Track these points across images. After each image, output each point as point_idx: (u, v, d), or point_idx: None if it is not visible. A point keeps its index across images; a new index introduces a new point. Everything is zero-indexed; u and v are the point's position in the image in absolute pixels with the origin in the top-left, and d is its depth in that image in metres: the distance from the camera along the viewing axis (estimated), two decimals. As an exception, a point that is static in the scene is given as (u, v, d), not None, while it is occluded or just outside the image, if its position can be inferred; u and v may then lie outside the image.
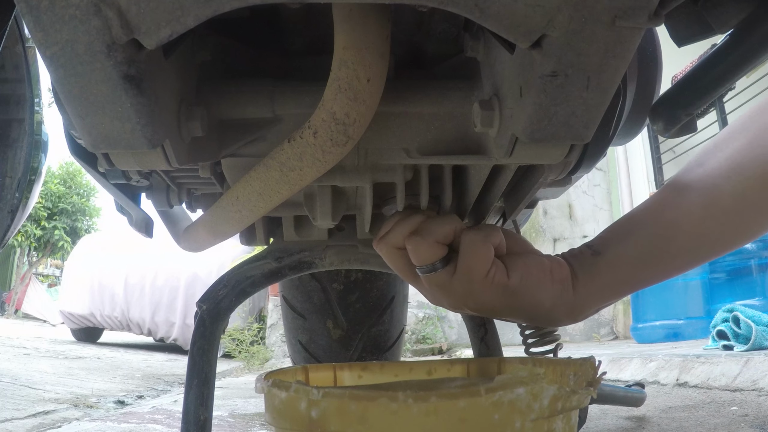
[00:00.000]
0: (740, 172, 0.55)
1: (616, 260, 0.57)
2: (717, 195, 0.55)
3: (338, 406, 0.34)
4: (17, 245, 14.04)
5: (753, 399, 1.42)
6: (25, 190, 1.61)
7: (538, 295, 0.56)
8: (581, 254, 0.59)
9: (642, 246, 0.57)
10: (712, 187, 0.55)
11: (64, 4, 0.32)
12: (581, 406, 0.36)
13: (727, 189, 0.55)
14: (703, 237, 0.56)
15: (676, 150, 4.27)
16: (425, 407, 0.32)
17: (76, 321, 5.70)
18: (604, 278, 0.57)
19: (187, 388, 0.70)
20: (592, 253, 0.58)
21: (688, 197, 0.56)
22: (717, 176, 0.56)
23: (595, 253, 0.58)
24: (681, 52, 0.76)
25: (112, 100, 0.38)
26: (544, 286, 0.56)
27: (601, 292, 0.58)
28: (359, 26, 0.41)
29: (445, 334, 4.70)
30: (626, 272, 0.57)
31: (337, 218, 0.64)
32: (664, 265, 0.57)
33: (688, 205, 0.56)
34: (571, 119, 0.42)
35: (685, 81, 0.63)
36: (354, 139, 0.46)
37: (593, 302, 0.58)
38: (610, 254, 0.57)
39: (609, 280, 0.57)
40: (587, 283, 0.57)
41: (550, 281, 0.56)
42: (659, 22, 0.34)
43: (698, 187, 0.56)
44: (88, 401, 2.00)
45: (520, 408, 0.33)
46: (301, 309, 1.22)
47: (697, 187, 0.56)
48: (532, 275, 0.56)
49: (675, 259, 0.57)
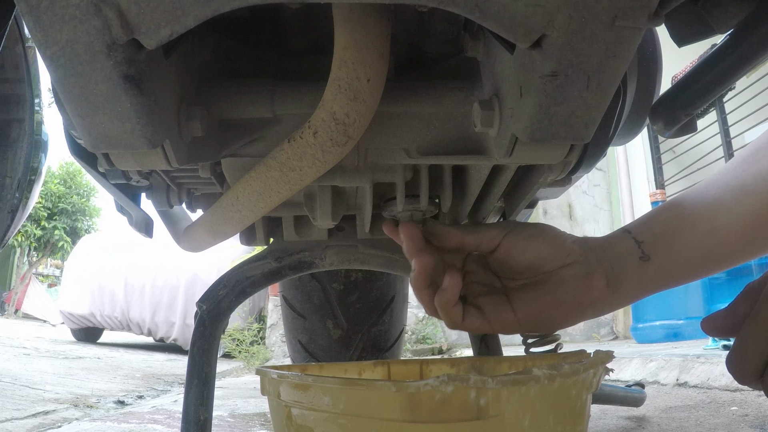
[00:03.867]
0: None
1: (665, 266, 0.53)
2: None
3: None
4: (17, 245, 14.04)
5: (753, 399, 1.42)
6: (25, 190, 1.61)
7: (561, 324, 0.54)
8: (627, 255, 0.54)
9: (692, 251, 0.53)
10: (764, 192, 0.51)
11: (64, 4, 0.32)
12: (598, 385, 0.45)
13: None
14: (754, 242, 0.53)
15: (676, 150, 4.27)
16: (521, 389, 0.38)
17: (76, 321, 5.70)
18: (648, 283, 0.54)
19: (187, 388, 0.70)
20: (641, 256, 0.54)
21: (743, 201, 0.52)
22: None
23: (644, 257, 0.53)
24: (681, 52, 0.76)
25: (112, 100, 0.38)
26: (567, 317, 0.54)
27: (642, 294, 0.55)
28: (359, 26, 0.41)
29: (445, 334, 4.70)
30: (672, 277, 0.54)
31: (337, 218, 0.64)
32: (710, 270, 0.54)
33: (741, 210, 0.52)
34: (571, 119, 0.42)
35: (685, 81, 0.63)
36: (354, 139, 0.46)
37: (629, 302, 0.56)
38: (662, 261, 0.53)
39: (653, 284, 0.54)
40: (630, 286, 0.54)
41: (577, 309, 0.53)
42: (659, 22, 0.34)
43: (752, 191, 0.52)
44: (88, 401, 2.00)
45: (587, 385, 0.43)
46: (301, 309, 1.22)
47: (751, 189, 0.52)
48: (547, 314, 0.54)
49: (722, 264, 0.54)
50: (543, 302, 0.53)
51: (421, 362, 0.70)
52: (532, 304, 0.54)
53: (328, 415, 0.39)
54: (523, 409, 0.37)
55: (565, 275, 0.54)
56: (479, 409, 0.35)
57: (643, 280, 0.53)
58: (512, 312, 0.54)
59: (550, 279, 0.54)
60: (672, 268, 0.53)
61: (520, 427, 0.37)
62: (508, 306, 0.54)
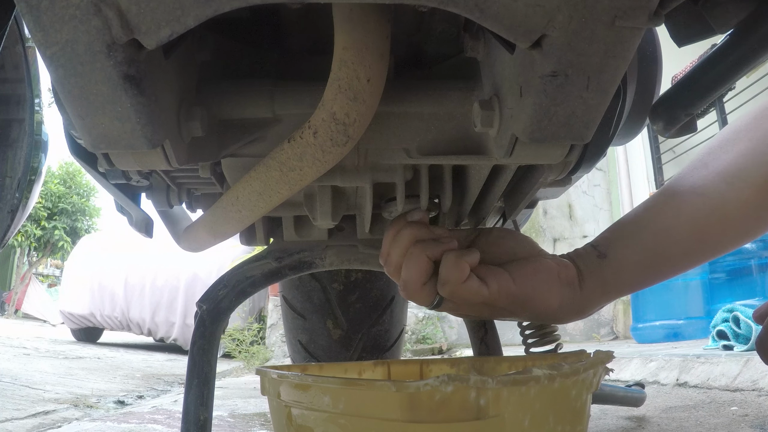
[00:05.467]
0: (743, 178, 0.55)
1: (620, 263, 0.58)
2: (720, 201, 0.56)
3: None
4: (17, 245, 14.05)
5: (753, 399, 1.42)
6: (25, 190, 1.61)
7: (547, 298, 0.57)
8: (587, 255, 0.60)
9: (645, 250, 0.58)
10: (715, 192, 0.56)
11: (64, 4, 0.32)
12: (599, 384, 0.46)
13: (730, 195, 0.55)
14: (704, 241, 0.57)
15: (676, 150, 4.27)
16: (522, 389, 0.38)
17: (76, 321, 5.70)
18: (609, 280, 0.58)
19: (187, 388, 0.70)
20: (598, 255, 0.59)
21: (691, 202, 0.57)
22: (720, 181, 0.56)
23: (601, 255, 0.59)
24: (681, 52, 0.76)
25: (112, 100, 0.38)
26: (552, 289, 0.57)
27: (606, 292, 0.59)
28: (359, 26, 0.41)
29: (445, 334, 4.70)
30: (630, 275, 0.58)
31: (337, 218, 0.64)
32: (667, 267, 0.59)
33: (690, 210, 0.57)
34: (571, 119, 0.42)
35: (685, 81, 0.63)
36: (354, 139, 0.46)
37: (598, 301, 0.59)
38: (615, 257, 0.58)
39: (614, 281, 0.58)
40: (593, 283, 0.58)
41: (558, 284, 0.57)
42: (659, 22, 0.34)
43: (701, 192, 0.57)
44: (88, 401, 2.00)
45: (587, 384, 0.43)
46: (301, 309, 1.22)
47: (700, 191, 0.57)
48: (540, 279, 0.56)
49: (677, 262, 0.58)
50: (535, 267, 0.57)
51: (421, 362, 0.70)
52: (526, 268, 0.57)
53: (328, 415, 0.39)
54: (523, 409, 0.37)
55: (543, 257, 0.59)
56: (479, 409, 0.35)
57: (605, 277, 0.58)
58: (509, 277, 0.56)
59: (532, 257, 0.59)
60: (629, 267, 0.58)
61: (520, 427, 0.37)
62: (505, 273, 0.56)
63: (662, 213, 0.59)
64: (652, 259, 0.58)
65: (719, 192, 0.56)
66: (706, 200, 0.56)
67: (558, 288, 0.57)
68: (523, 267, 0.57)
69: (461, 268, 0.53)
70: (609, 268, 0.58)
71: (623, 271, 0.58)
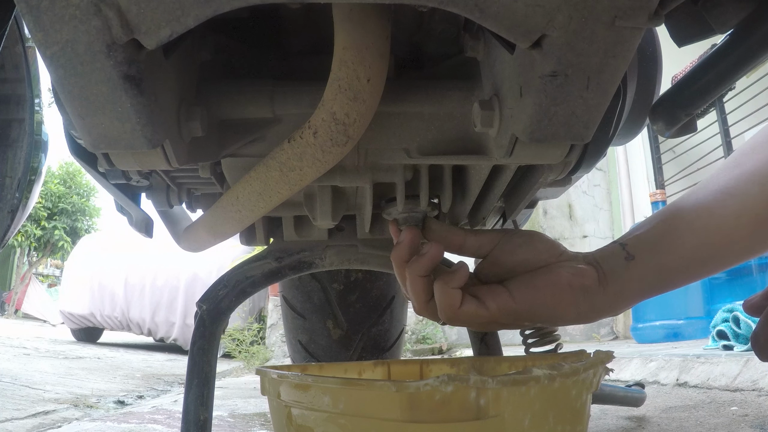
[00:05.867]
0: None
1: (649, 267, 0.56)
2: (750, 203, 0.54)
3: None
4: (17, 245, 14.04)
5: (753, 399, 1.42)
6: (25, 190, 1.61)
7: (555, 309, 0.55)
8: (614, 255, 0.57)
9: (678, 254, 0.55)
10: (745, 194, 0.54)
11: (64, 4, 0.32)
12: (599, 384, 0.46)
13: (761, 198, 0.53)
14: (733, 245, 0.55)
15: (676, 150, 4.26)
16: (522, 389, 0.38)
17: (76, 321, 5.70)
18: (635, 283, 0.56)
19: (187, 388, 0.70)
20: (626, 256, 0.57)
21: (724, 203, 0.55)
22: (752, 182, 0.54)
23: (629, 257, 0.56)
24: (681, 52, 0.76)
25: (112, 100, 0.38)
26: (563, 299, 0.55)
27: (632, 294, 0.57)
28: (359, 26, 0.41)
29: (445, 334, 4.70)
30: (657, 279, 0.57)
31: (337, 218, 0.64)
32: (696, 274, 0.56)
33: (722, 213, 0.55)
34: (571, 119, 0.42)
35: (685, 81, 0.63)
36: (354, 139, 0.46)
37: (624, 303, 0.57)
38: (643, 261, 0.56)
39: (641, 284, 0.57)
40: (618, 285, 0.56)
41: (569, 293, 0.55)
42: (659, 22, 0.34)
43: (735, 193, 0.55)
44: (88, 401, 2.00)
45: (587, 384, 0.44)
46: (301, 309, 1.22)
47: (733, 192, 0.55)
48: (545, 294, 0.55)
49: (706, 268, 0.56)
50: (537, 282, 0.55)
51: (421, 362, 0.70)
52: (528, 284, 0.55)
53: (328, 415, 0.39)
54: (523, 409, 0.37)
55: (557, 265, 0.57)
56: (479, 409, 0.35)
57: (631, 279, 0.56)
58: (509, 295, 0.55)
59: (543, 268, 0.57)
60: (658, 269, 0.56)
61: (520, 427, 0.37)
62: (504, 291, 0.55)
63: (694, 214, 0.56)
64: (684, 262, 0.56)
65: (750, 194, 0.54)
66: (738, 201, 0.54)
67: (570, 296, 0.55)
68: (525, 283, 0.56)
69: (450, 296, 0.53)
70: (636, 272, 0.56)
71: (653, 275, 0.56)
